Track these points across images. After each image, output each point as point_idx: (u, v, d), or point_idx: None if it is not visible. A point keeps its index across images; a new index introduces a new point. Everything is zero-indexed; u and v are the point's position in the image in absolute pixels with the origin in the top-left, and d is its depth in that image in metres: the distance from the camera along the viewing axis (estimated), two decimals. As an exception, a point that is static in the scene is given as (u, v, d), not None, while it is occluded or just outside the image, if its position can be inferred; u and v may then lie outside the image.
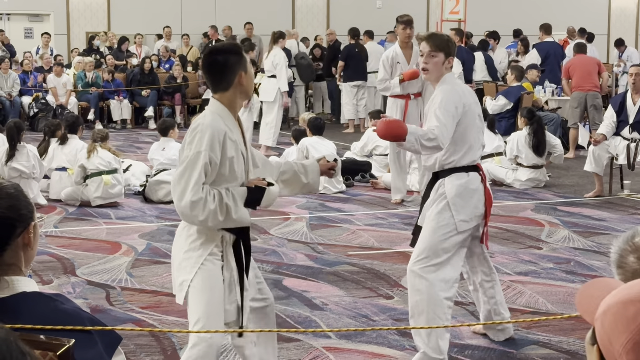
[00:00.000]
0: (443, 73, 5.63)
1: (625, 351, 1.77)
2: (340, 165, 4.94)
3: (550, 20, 18.57)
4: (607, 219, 10.16)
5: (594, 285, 1.96)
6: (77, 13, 22.76)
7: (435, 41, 5.63)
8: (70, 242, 9.04)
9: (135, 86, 19.81)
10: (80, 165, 10.79)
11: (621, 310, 1.80)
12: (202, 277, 4.42)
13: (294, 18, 24.23)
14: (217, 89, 4.51)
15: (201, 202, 4.27)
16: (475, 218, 5.61)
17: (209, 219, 4.30)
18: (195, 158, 4.30)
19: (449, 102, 5.47)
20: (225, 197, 4.33)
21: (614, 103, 11.48)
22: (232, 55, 4.49)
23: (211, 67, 4.51)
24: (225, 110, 4.48)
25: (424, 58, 5.63)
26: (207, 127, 4.34)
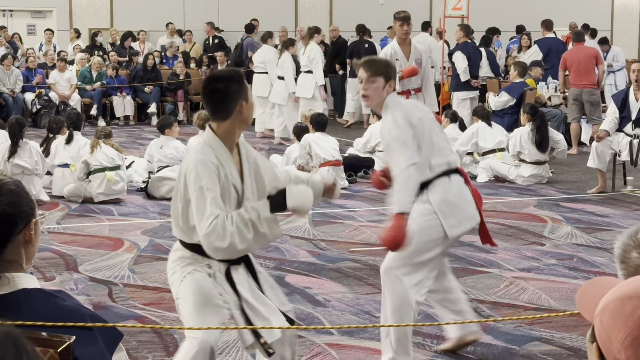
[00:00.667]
0: (384, 97, 5.41)
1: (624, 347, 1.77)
2: (339, 189, 4.81)
3: (553, 16, 18.55)
4: (610, 215, 10.15)
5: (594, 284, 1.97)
6: (79, 9, 22.75)
7: (372, 67, 5.45)
8: (73, 238, 9.04)
9: (138, 82, 19.81)
10: (84, 161, 10.79)
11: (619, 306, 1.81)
12: (184, 287, 4.40)
13: (297, 14, 24.21)
14: (216, 118, 4.40)
15: (219, 229, 4.18)
16: (466, 221, 5.44)
17: (236, 241, 4.21)
18: (199, 194, 4.25)
19: (402, 129, 5.27)
20: (244, 213, 4.25)
21: (616, 99, 11.47)
22: (234, 83, 4.37)
23: (211, 95, 4.39)
24: (219, 143, 4.37)
25: (363, 84, 5.44)
26: (197, 162, 4.28)
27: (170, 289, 4.55)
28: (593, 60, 14.98)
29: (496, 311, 6.68)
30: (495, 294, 7.10)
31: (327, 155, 11.59)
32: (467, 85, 15.37)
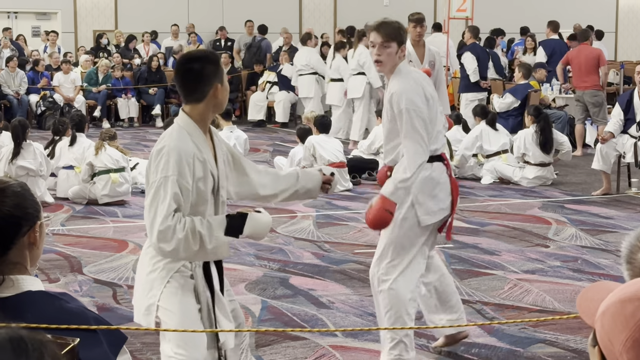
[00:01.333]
0: (397, 63, 5.28)
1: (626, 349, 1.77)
2: (337, 179, 4.56)
3: (557, 17, 18.53)
4: (615, 217, 10.14)
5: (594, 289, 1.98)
6: (84, 11, 22.78)
7: (387, 30, 5.28)
8: (77, 240, 9.05)
9: (143, 84, 19.83)
10: (88, 163, 10.81)
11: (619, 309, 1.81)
12: (169, 295, 4.09)
13: (301, 16, 24.23)
14: (189, 100, 4.16)
15: (170, 231, 3.91)
16: (440, 211, 5.34)
17: (180, 249, 3.93)
18: (162, 184, 3.97)
19: (417, 102, 5.15)
20: (198, 224, 3.96)
21: (621, 101, 11.47)
22: (209, 64, 4.14)
23: (185, 76, 4.15)
24: (194, 126, 4.12)
25: (377, 49, 5.26)
26: (172, 150, 4.00)
27: (141, 285, 4.18)
28: (595, 61, 14.90)
29: (500, 313, 6.67)
30: (500, 295, 7.10)
31: (331, 157, 11.59)
32: (477, 86, 15.36)
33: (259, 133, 17.85)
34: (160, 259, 4.09)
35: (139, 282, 4.23)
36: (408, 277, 5.31)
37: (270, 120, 19.74)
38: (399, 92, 5.18)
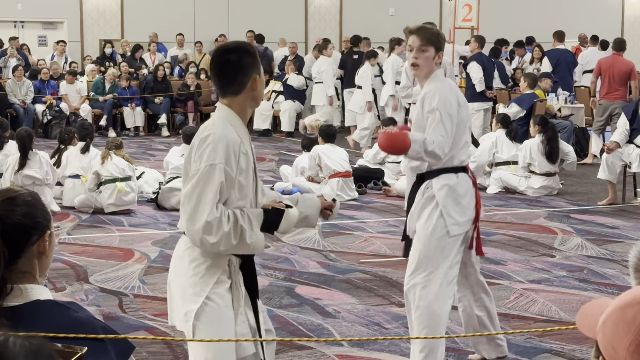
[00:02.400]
0: (433, 69, 5.27)
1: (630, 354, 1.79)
2: (338, 206, 4.35)
3: (563, 27, 18.54)
4: (621, 226, 10.13)
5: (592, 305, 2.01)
6: (90, 20, 22.84)
7: (426, 34, 5.26)
8: (84, 249, 9.06)
9: (149, 93, 19.87)
10: (95, 172, 10.83)
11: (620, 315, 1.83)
12: (209, 316, 3.88)
13: (307, 25, 24.26)
14: (227, 93, 3.99)
15: (215, 223, 3.75)
16: (467, 222, 5.32)
17: (222, 242, 3.78)
18: (208, 172, 3.79)
19: (449, 102, 5.16)
20: (240, 218, 3.81)
21: (626, 111, 11.47)
22: (247, 55, 3.98)
23: (222, 67, 3.98)
24: (237, 118, 3.97)
25: (414, 52, 5.25)
26: (220, 137, 3.83)
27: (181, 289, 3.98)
28: (627, 73, 14.81)
29: (506, 323, 6.67)
30: (505, 305, 7.09)
31: (336, 166, 11.60)
32: (482, 96, 15.36)
33: (264, 142, 17.87)
34: (201, 263, 3.92)
35: (177, 283, 4.01)
36: (444, 291, 5.22)
37: (275, 129, 19.78)
38: (433, 92, 5.20)
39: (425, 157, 5.10)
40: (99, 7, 22.78)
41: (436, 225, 5.23)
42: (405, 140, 5.02)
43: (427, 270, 5.22)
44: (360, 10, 24.30)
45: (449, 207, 5.23)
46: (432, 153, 5.06)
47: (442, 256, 5.22)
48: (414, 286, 5.25)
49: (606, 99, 14.85)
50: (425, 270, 5.22)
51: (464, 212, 5.28)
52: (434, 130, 5.09)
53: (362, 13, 24.18)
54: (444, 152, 5.10)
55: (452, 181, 5.26)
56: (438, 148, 5.06)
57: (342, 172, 11.60)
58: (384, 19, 24.03)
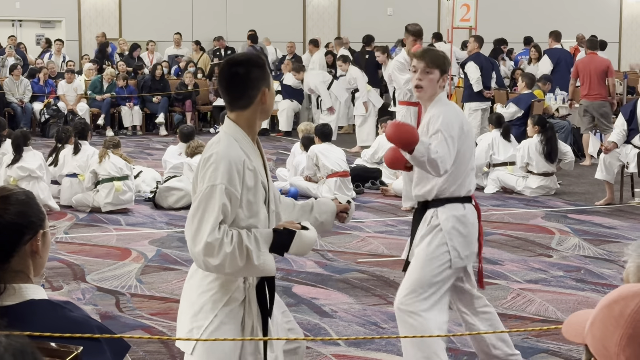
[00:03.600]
0: (437, 92, 5.20)
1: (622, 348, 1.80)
2: (353, 208, 4.33)
3: (561, 27, 18.55)
4: (618, 227, 10.13)
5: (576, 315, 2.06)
6: (88, 20, 22.84)
7: (432, 57, 5.22)
8: (81, 248, 9.06)
9: (146, 92, 19.86)
10: (92, 171, 10.82)
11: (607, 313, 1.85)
12: (215, 335, 3.79)
13: (305, 25, 24.27)
14: (235, 107, 3.90)
15: (216, 244, 3.65)
16: (470, 255, 5.23)
17: (226, 264, 3.67)
18: (209, 193, 3.71)
19: (452, 125, 5.06)
20: (246, 238, 3.70)
21: (624, 111, 11.47)
22: (256, 68, 3.88)
23: (231, 81, 3.88)
24: (242, 133, 3.88)
25: (418, 74, 5.19)
26: (222, 157, 3.74)
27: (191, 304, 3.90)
28: (604, 72, 14.89)
29: (503, 323, 6.64)
30: (502, 305, 7.09)
31: (334, 166, 11.59)
32: (480, 95, 15.35)
33: (262, 142, 17.74)
34: (214, 279, 3.82)
35: (187, 300, 3.92)
36: (437, 314, 5.10)
37: (273, 129, 19.78)
38: (438, 114, 5.10)
39: (428, 164, 4.93)
40: (97, 6, 22.78)
41: (438, 253, 5.11)
42: (414, 134, 4.89)
43: (421, 295, 5.08)
44: (358, 9, 24.30)
45: (454, 240, 5.12)
46: (434, 162, 4.91)
47: (437, 285, 5.11)
48: (406, 309, 5.11)
49: (587, 99, 14.87)
50: (419, 296, 5.08)
51: (468, 245, 5.18)
52: (437, 146, 4.98)
53: (360, 13, 24.19)
54: (444, 168, 4.96)
55: (459, 212, 5.16)
56: (440, 160, 4.92)
57: (339, 172, 11.60)
58: (382, 18, 24.04)
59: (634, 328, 1.82)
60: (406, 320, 5.11)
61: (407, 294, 5.11)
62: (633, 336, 1.81)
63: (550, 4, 25.53)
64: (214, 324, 3.79)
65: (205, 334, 3.79)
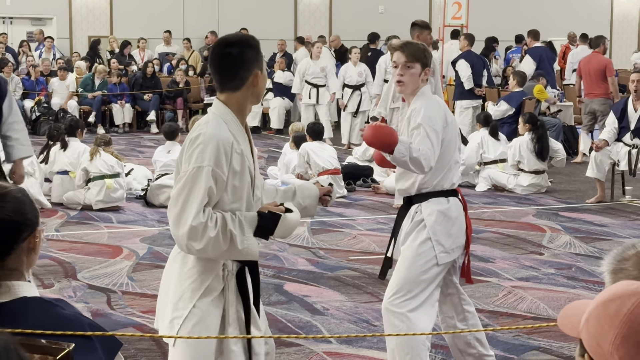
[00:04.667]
0: (420, 86, 5.09)
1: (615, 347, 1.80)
2: (336, 190, 4.31)
3: (552, 25, 18.63)
4: (609, 224, 10.16)
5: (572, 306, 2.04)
6: (79, 17, 22.80)
7: (411, 50, 5.07)
8: (72, 246, 9.04)
9: (137, 90, 19.83)
10: (83, 169, 10.80)
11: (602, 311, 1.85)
12: (192, 324, 3.74)
13: (297, 23, 24.26)
14: (226, 88, 3.80)
15: (200, 228, 3.58)
16: (456, 249, 5.12)
17: (209, 248, 3.61)
18: (195, 174, 3.62)
19: (435, 118, 4.96)
20: (230, 222, 3.64)
21: (615, 109, 11.50)
22: (249, 49, 3.79)
23: (222, 61, 3.79)
24: (232, 115, 3.79)
25: (399, 69, 5.07)
26: (210, 138, 3.65)
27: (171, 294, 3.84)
28: (604, 70, 14.91)
29: (494, 320, 6.68)
30: (494, 303, 7.10)
31: (325, 163, 11.60)
32: (471, 93, 15.37)
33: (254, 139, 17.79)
34: (192, 267, 3.76)
35: (166, 289, 3.88)
36: (426, 317, 5.02)
37: (265, 126, 19.78)
38: (419, 108, 5.00)
39: (410, 163, 4.85)
40: (88, 3, 22.73)
41: (423, 250, 5.02)
42: (392, 135, 4.81)
43: (409, 295, 5.00)
44: (349, 7, 24.31)
45: (438, 235, 5.03)
46: (417, 161, 4.82)
47: (425, 282, 5.03)
48: (393, 310, 5.04)
49: (588, 97, 14.92)
50: (407, 295, 5.00)
51: (454, 239, 5.09)
52: (420, 143, 4.89)
53: (352, 10, 24.19)
54: (429, 165, 4.87)
55: (443, 206, 5.07)
56: (423, 158, 4.83)
57: (331, 170, 11.59)
58: (374, 16, 24.04)
59: (629, 328, 1.82)
60: (392, 321, 5.04)
61: (394, 294, 5.04)
62: (627, 336, 1.81)
63: (542, 2, 25.57)
64: (194, 314, 3.73)
65: (185, 324, 3.73)
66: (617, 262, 2.28)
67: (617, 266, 2.28)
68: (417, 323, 4.97)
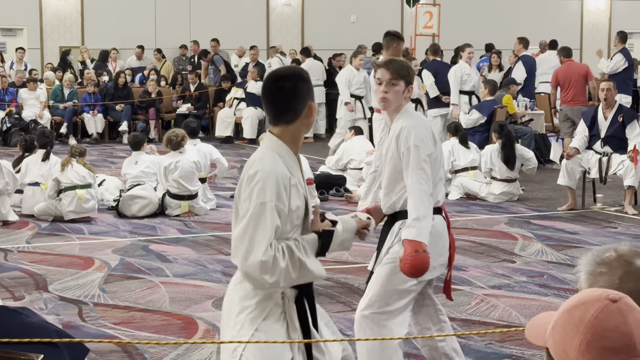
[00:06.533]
0: (403, 103, 5.08)
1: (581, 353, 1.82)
2: (374, 224, 4.29)
3: (523, 34, 18.70)
4: (580, 232, 10.21)
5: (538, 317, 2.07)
6: (50, 27, 22.69)
7: (396, 68, 5.09)
8: (43, 257, 8.98)
9: (109, 100, 19.76)
10: (54, 179, 10.74)
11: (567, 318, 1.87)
12: (255, 347, 3.74)
13: (269, 32, 24.26)
14: (280, 121, 3.84)
15: (271, 262, 3.62)
16: (438, 267, 5.12)
17: (281, 279, 3.66)
18: (260, 211, 3.65)
19: (426, 140, 4.96)
20: (296, 251, 3.71)
21: (585, 117, 11.59)
22: (301, 82, 3.86)
23: (276, 95, 3.84)
24: (286, 148, 3.83)
25: (383, 86, 5.06)
26: (269, 174, 3.69)
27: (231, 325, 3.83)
28: (584, 77, 15.12)
29: (467, 328, 6.69)
30: (466, 311, 7.12)
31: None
32: (438, 102, 15.42)
33: (226, 149, 17.83)
34: (251, 297, 3.78)
35: (227, 320, 3.88)
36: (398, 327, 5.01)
37: (237, 136, 19.77)
38: (409, 128, 4.97)
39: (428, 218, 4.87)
40: (59, 14, 22.63)
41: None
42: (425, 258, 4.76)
43: (383, 307, 5.00)
44: (321, 17, 24.34)
45: None
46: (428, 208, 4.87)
47: (401, 296, 5.03)
48: (368, 317, 5.03)
49: (568, 104, 15.04)
50: (381, 308, 5.00)
51: (436, 257, 5.04)
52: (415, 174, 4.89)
53: (324, 20, 24.23)
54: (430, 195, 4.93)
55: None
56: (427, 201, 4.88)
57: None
58: (346, 26, 24.09)
59: (593, 334, 1.83)
60: (365, 331, 5.02)
61: (368, 304, 5.04)
62: (592, 342, 1.83)
63: (512, 11, 25.72)
64: (256, 337, 3.74)
65: (248, 346, 3.73)
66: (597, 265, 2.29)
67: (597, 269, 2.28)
68: (391, 330, 4.97)
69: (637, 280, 2.19)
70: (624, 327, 1.85)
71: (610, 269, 2.24)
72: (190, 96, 20.37)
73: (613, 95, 11.43)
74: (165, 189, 11.19)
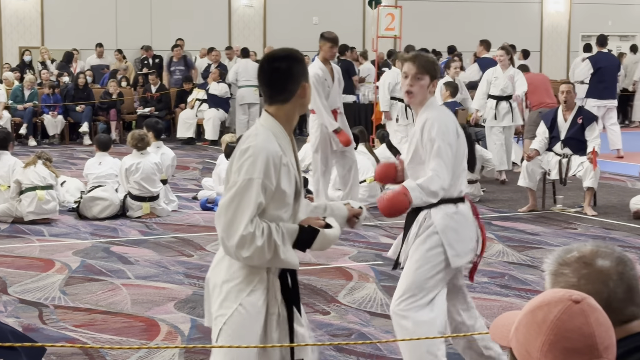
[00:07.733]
0: (427, 97, 5.22)
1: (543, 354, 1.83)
2: (365, 213, 4.37)
3: (484, 37, 18.81)
4: (541, 233, 10.29)
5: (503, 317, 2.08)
6: (9, 27, 22.47)
7: (422, 62, 5.23)
8: (2, 259, 8.88)
9: (70, 101, 19.60)
10: (16, 181, 10.65)
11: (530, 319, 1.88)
12: (236, 323, 3.90)
13: (230, 34, 24.20)
14: (275, 101, 3.99)
15: (249, 237, 3.76)
16: (469, 252, 5.26)
17: (255, 256, 3.79)
18: (246, 186, 3.79)
19: (448, 132, 5.12)
20: (274, 233, 3.82)
21: (546, 119, 11.67)
22: (296, 62, 4.02)
23: (272, 75, 3.98)
24: (280, 128, 3.97)
25: (409, 80, 5.20)
26: (260, 150, 3.82)
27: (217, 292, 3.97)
28: (547, 83, 15.45)
29: (429, 329, 6.69)
30: (429, 312, 7.13)
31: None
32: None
33: (188, 151, 17.77)
34: (239, 268, 3.91)
35: (213, 287, 4.01)
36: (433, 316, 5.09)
37: (199, 137, 19.70)
38: (433, 119, 5.13)
39: (430, 198, 5.05)
40: (18, 13, 22.42)
41: (431, 254, 5.12)
42: (402, 200, 5.01)
43: (414, 298, 5.09)
44: (283, 18, 24.32)
45: (450, 238, 5.13)
46: (433, 193, 5.03)
47: (435, 283, 5.12)
48: (400, 313, 5.12)
49: (538, 107, 15.22)
50: (412, 298, 5.09)
51: (466, 243, 5.19)
52: (435, 162, 5.05)
53: (286, 21, 24.21)
54: (443, 188, 5.05)
55: (452, 210, 5.17)
56: (436, 186, 5.03)
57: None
58: (308, 27, 24.07)
59: (556, 335, 1.85)
60: (400, 323, 5.14)
61: (401, 297, 5.14)
62: (554, 342, 1.84)
63: (474, 14, 25.86)
64: (239, 312, 3.88)
65: (229, 321, 3.89)
66: (559, 265, 2.31)
67: (558, 269, 2.30)
68: (424, 324, 5.05)
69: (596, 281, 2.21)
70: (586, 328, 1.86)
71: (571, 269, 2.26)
72: (152, 97, 20.27)
73: (573, 98, 11.55)
74: (126, 191, 11.12)
